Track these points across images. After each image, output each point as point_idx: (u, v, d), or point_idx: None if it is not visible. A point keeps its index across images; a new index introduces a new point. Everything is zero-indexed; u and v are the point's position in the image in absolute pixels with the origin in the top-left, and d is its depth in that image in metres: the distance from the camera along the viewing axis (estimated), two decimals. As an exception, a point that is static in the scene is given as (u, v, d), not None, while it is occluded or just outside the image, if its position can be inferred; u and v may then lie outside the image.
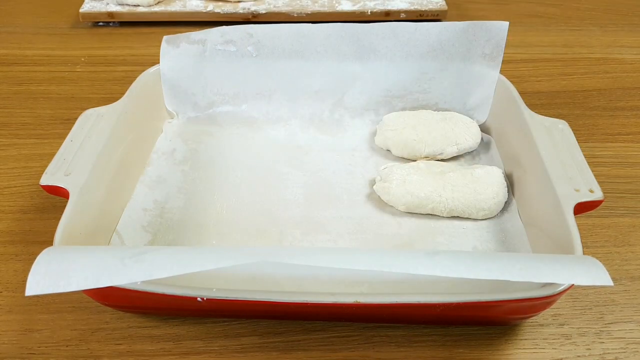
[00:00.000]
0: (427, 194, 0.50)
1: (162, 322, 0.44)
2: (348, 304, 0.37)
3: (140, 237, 0.49)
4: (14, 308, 0.45)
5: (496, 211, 0.50)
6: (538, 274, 0.32)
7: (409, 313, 0.41)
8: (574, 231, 0.40)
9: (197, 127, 0.61)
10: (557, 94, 0.70)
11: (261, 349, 0.42)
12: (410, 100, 0.61)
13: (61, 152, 0.48)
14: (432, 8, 0.83)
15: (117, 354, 0.42)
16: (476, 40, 0.57)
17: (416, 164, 0.53)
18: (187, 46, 0.59)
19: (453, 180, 0.51)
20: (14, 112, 0.67)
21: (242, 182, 0.55)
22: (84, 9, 0.84)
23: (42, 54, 0.79)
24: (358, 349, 0.42)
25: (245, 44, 0.59)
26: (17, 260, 0.49)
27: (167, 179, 0.55)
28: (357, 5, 0.83)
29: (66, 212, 0.42)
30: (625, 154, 0.60)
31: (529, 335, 0.43)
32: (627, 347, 0.42)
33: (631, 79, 0.72)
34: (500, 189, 0.50)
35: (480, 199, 0.50)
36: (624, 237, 0.51)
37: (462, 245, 0.48)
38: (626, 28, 0.83)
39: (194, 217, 0.51)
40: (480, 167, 0.52)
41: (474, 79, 0.58)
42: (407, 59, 0.59)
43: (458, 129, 0.56)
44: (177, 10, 0.83)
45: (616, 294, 0.46)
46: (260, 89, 0.61)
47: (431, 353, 0.42)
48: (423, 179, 0.51)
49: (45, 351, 0.42)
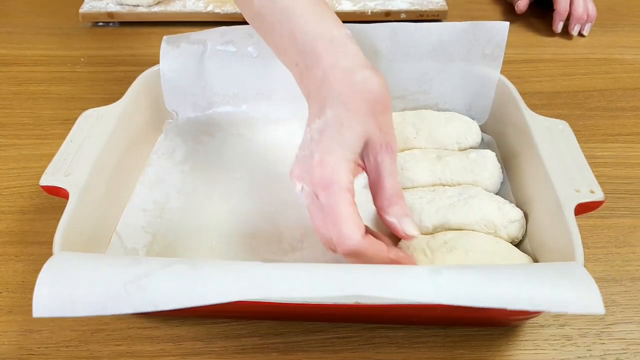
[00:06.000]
0: (426, 179, 0.50)
1: (162, 323, 0.44)
2: (348, 305, 0.37)
3: (139, 237, 0.49)
4: (13, 309, 0.45)
5: (494, 191, 0.51)
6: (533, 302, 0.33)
7: (410, 314, 0.41)
8: (575, 232, 0.40)
9: (197, 127, 0.61)
10: (557, 94, 0.70)
11: (261, 350, 0.42)
12: (411, 100, 0.61)
13: (61, 152, 0.48)
14: (432, 8, 0.83)
15: (117, 355, 0.42)
16: (477, 40, 0.57)
17: (411, 152, 0.54)
18: (187, 46, 0.59)
19: (450, 163, 0.52)
20: (14, 112, 0.67)
21: (242, 183, 0.55)
22: (83, 9, 0.84)
23: (42, 54, 0.79)
24: (358, 350, 0.42)
25: (245, 44, 0.59)
26: (17, 260, 0.49)
27: (167, 180, 0.55)
28: (357, 5, 0.83)
29: (66, 212, 0.42)
30: (625, 155, 0.60)
31: (529, 336, 0.43)
32: (628, 348, 0.42)
33: (632, 79, 0.72)
34: (495, 169, 0.52)
35: (478, 180, 0.51)
36: (624, 238, 0.51)
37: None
38: (626, 28, 0.83)
39: (194, 217, 0.51)
40: (474, 150, 0.54)
41: (475, 80, 0.58)
42: (407, 59, 0.59)
43: (458, 128, 0.56)
44: (177, 10, 0.83)
45: (617, 295, 0.46)
46: (260, 89, 0.61)
47: (432, 354, 0.42)
48: (420, 164, 0.52)
49: (45, 352, 0.42)
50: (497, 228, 0.46)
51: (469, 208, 0.47)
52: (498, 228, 0.46)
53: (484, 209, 0.47)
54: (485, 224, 0.46)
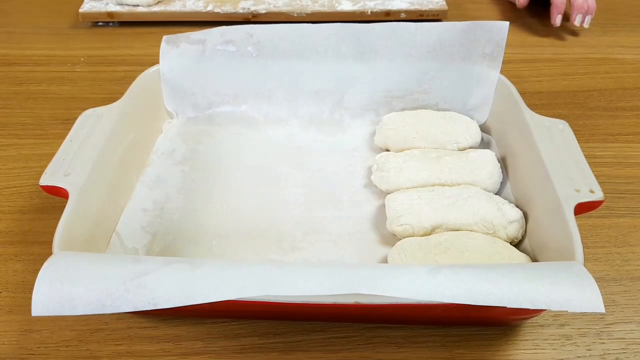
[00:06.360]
0: (425, 179, 0.50)
1: (162, 323, 0.44)
2: (348, 305, 0.37)
3: (139, 237, 0.49)
4: (13, 308, 0.45)
5: (493, 191, 0.51)
6: (534, 300, 0.33)
7: (409, 313, 0.41)
8: (575, 232, 0.40)
9: (196, 127, 0.61)
10: (557, 94, 0.70)
11: (261, 350, 0.42)
12: (411, 100, 0.61)
13: (61, 152, 0.48)
14: (432, 8, 0.83)
15: (117, 355, 0.42)
16: (476, 40, 0.57)
17: (410, 151, 0.54)
18: (187, 46, 0.59)
19: (449, 163, 0.52)
20: (14, 112, 0.67)
21: (242, 183, 0.55)
22: (83, 9, 0.84)
23: (41, 54, 0.79)
24: (358, 350, 0.42)
25: (245, 44, 0.59)
26: (17, 260, 0.49)
27: (167, 180, 0.55)
28: (357, 5, 0.83)
29: (65, 212, 0.42)
30: (625, 154, 0.60)
31: (529, 335, 0.43)
32: (628, 347, 0.42)
33: (631, 79, 0.72)
34: (495, 169, 0.52)
35: (477, 180, 0.50)
36: (624, 238, 0.51)
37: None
38: (626, 28, 0.83)
39: (194, 217, 0.51)
40: (474, 150, 0.53)
41: (475, 79, 0.58)
42: (408, 59, 0.59)
43: (458, 128, 0.56)
44: (177, 10, 0.83)
45: (617, 295, 0.46)
46: (260, 89, 0.61)
47: (431, 354, 0.42)
48: (420, 164, 0.52)
49: (44, 352, 0.42)
50: (496, 228, 0.46)
51: (467, 208, 0.47)
52: (497, 228, 0.46)
53: (482, 209, 0.47)
54: (484, 225, 0.46)
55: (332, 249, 0.48)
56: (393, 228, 0.48)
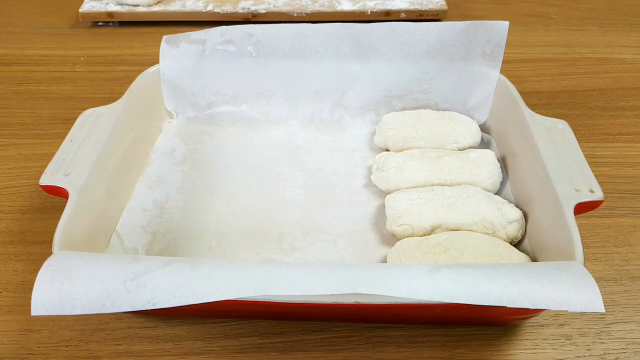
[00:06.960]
0: (425, 179, 0.50)
1: (162, 323, 0.44)
2: (348, 304, 0.37)
3: (139, 237, 0.49)
4: (13, 308, 0.45)
5: (493, 191, 0.51)
6: (534, 300, 0.33)
7: (409, 313, 0.41)
8: (575, 231, 0.40)
9: (196, 127, 0.61)
10: (557, 94, 0.70)
11: (261, 349, 0.42)
12: (410, 100, 0.61)
13: (60, 152, 0.48)
14: (432, 8, 0.83)
15: (117, 355, 0.42)
16: (476, 40, 0.57)
17: (410, 151, 0.54)
18: (186, 46, 0.59)
19: (449, 163, 0.52)
20: (14, 112, 0.67)
21: (242, 183, 0.55)
22: (83, 9, 0.84)
23: (41, 53, 0.79)
24: (358, 350, 0.42)
25: (245, 44, 0.59)
26: (17, 260, 0.49)
27: (167, 179, 0.55)
28: (357, 5, 0.83)
29: (65, 212, 0.42)
30: (625, 154, 0.60)
31: (529, 335, 0.43)
32: (628, 347, 0.42)
33: (631, 78, 0.72)
34: (495, 169, 0.52)
35: (477, 180, 0.50)
36: (624, 238, 0.51)
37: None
38: (626, 28, 0.83)
39: (194, 217, 0.51)
40: (474, 150, 0.53)
41: (474, 79, 0.58)
42: (407, 58, 0.59)
43: (457, 128, 0.56)
44: (177, 10, 0.83)
45: (616, 295, 0.46)
46: (260, 89, 0.61)
47: (431, 353, 0.42)
48: (420, 164, 0.52)
49: (44, 351, 0.42)
50: (496, 228, 0.46)
51: (467, 208, 0.47)
52: (497, 228, 0.46)
53: (482, 209, 0.47)
54: (484, 225, 0.46)
55: (332, 248, 0.48)
56: (393, 228, 0.48)
